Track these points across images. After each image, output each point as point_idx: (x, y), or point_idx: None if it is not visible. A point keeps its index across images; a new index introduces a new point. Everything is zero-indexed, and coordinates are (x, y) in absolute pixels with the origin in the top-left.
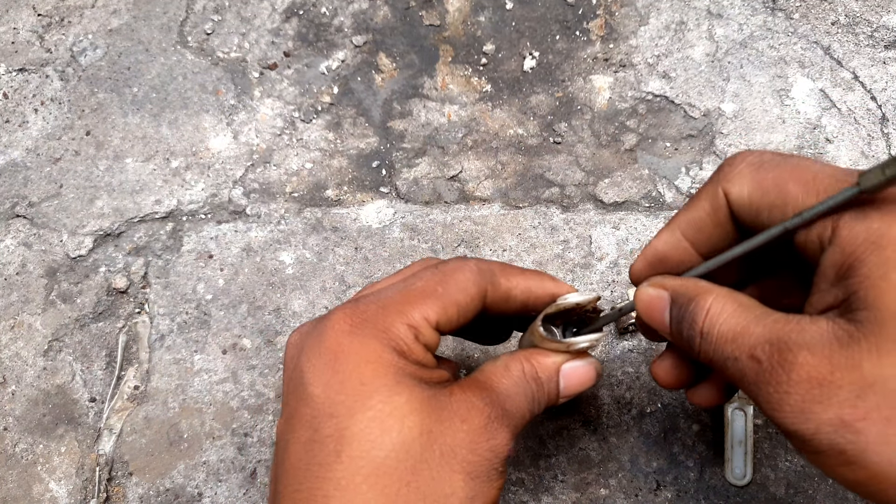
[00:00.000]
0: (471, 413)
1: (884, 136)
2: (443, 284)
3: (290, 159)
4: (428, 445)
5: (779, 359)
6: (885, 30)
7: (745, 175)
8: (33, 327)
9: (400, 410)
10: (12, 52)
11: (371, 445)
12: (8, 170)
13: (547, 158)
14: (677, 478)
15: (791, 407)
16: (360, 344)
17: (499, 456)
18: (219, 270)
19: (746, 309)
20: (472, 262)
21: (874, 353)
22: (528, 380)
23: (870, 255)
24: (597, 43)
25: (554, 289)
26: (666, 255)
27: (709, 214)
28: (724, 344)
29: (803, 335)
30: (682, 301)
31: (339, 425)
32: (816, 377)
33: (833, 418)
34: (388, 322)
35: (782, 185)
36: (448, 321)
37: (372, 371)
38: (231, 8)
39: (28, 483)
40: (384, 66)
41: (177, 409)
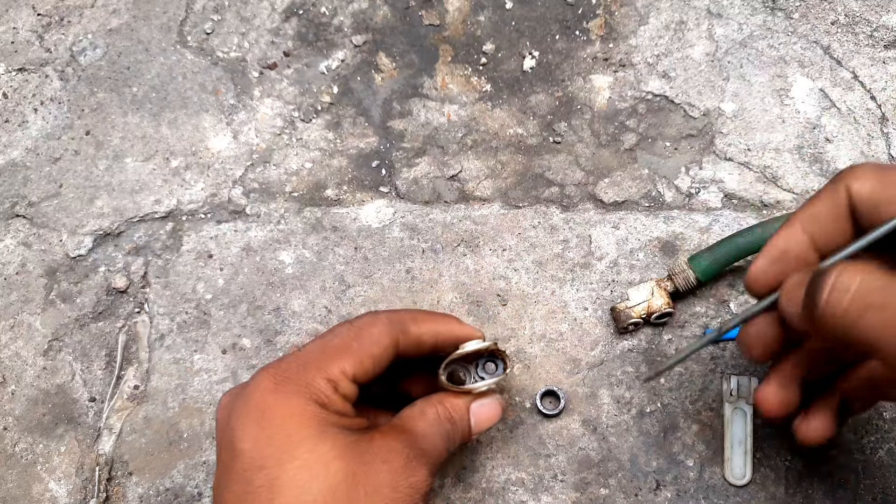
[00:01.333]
0: (391, 455)
1: (883, 135)
2: (357, 340)
3: (289, 159)
4: (353, 487)
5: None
6: (885, 29)
7: (868, 172)
8: (33, 327)
9: (325, 457)
10: (12, 52)
11: (300, 491)
12: (8, 169)
13: (547, 158)
14: (677, 477)
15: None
16: (285, 399)
17: (419, 492)
18: (218, 270)
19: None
20: (383, 315)
21: None
22: (443, 420)
23: None
24: (597, 43)
25: (459, 331)
26: (787, 250)
27: (830, 209)
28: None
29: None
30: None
31: (270, 475)
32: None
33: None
34: (308, 378)
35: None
36: (364, 372)
37: (297, 423)
38: (231, 8)
39: (28, 483)
40: (384, 66)
41: (176, 408)
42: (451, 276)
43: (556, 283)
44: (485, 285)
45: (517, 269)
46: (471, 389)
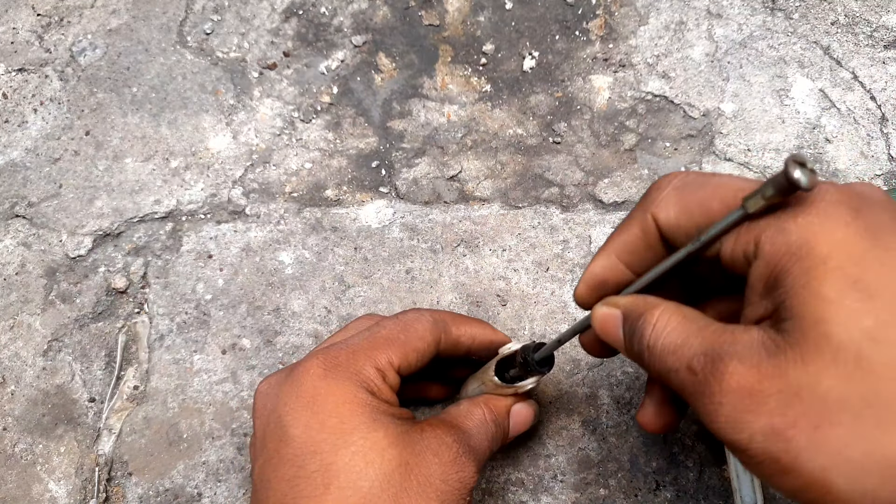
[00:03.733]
0: (441, 448)
1: (883, 135)
2: (404, 333)
3: (289, 159)
4: (406, 476)
5: (711, 369)
6: (885, 30)
7: (670, 199)
8: (33, 327)
9: (379, 444)
10: (11, 52)
11: (357, 476)
12: (7, 170)
13: (546, 158)
14: (677, 478)
15: (725, 417)
16: (336, 386)
17: (466, 486)
18: (218, 270)
19: (689, 321)
20: (427, 314)
21: (799, 362)
22: (488, 421)
23: (792, 266)
24: (596, 43)
25: (493, 336)
26: (604, 279)
27: (640, 238)
28: (667, 356)
29: (735, 345)
30: (632, 317)
31: (324, 461)
32: (746, 386)
33: (764, 427)
34: (358, 365)
35: (706, 205)
36: (408, 365)
37: (349, 410)
38: (230, 8)
39: (27, 483)
40: (384, 66)
41: (176, 409)
42: (451, 277)
43: (556, 283)
44: (484, 285)
45: (517, 270)
46: (517, 388)
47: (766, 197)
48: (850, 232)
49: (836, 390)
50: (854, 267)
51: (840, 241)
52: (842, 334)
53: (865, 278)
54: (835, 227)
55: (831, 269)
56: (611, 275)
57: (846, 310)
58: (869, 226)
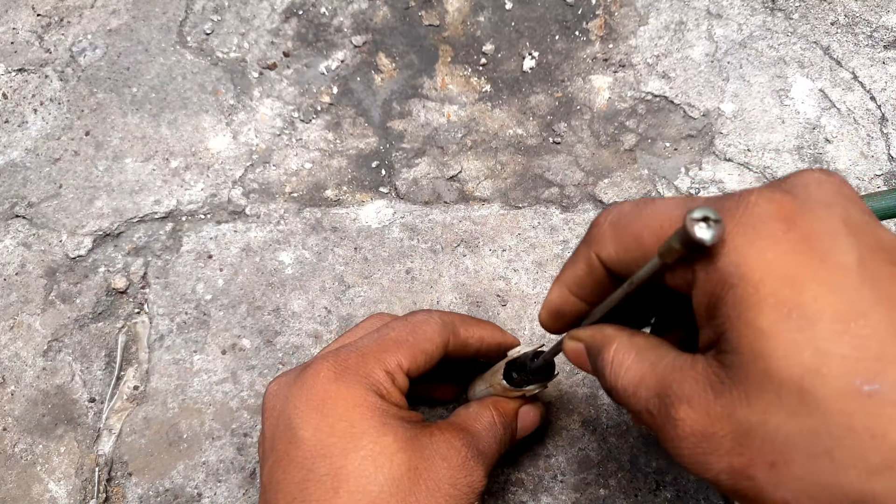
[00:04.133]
0: (450, 452)
1: (883, 136)
2: (413, 335)
3: (289, 159)
4: (415, 480)
5: (665, 415)
6: (885, 30)
7: (607, 235)
8: (33, 327)
9: (389, 449)
10: (11, 53)
11: (366, 481)
12: (7, 170)
13: (546, 158)
14: (677, 478)
15: (687, 458)
16: (346, 389)
17: (475, 491)
18: (218, 270)
19: (643, 357)
20: (436, 315)
21: (744, 401)
22: (497, 424)
23: (726, 296)
24: (596, 43)
25: (501, 338)
26: (561, 309)
27: (588, 274)
28: (628, 398)
29: (683, 385)
30: (592, 354)
31: (334, 464)
32: (699, 430)
33: (725, 467)
34: (368, 369)
35: (638, 238)
36: (417, 367)
37: (360, 414)
38: (230, 8)
39: (27, 483)
40: (384, 67)
41: (176, 409)
42: (451, 277)
43: None
44: (484, 286)
45: (517, 270)
46: (525, 392)
47: (675, 248)
48: (782, 249)
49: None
50: (789, 291)
51: (771, 263)
52: (782, 370)
53: (802, 303)
54: (765, 246)
55: (765, 298)
56: (566, 306)
57: (784, 342)
58: (804, 235)
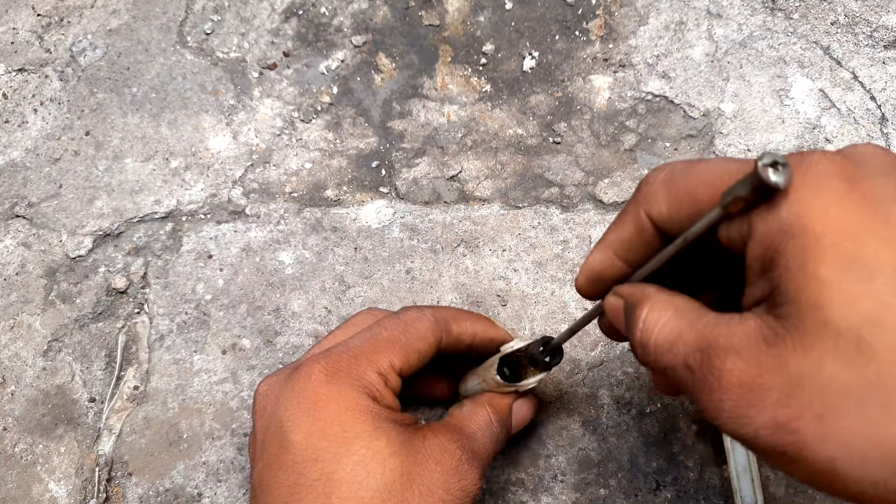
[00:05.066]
0: (444, 456)
1: (883, 136)
2: (405, 334)
3: (289, 159)
4: (408, 486)
5: (709, 366)
6: (885, 30)
7: (659, 193)
8: (33, 327)
9: (381, 454)
10: (11, 53)
11: (358, 487)
12: (7, 170)
13: (546, 158)
14: (677, 478)
15: (728, 413)
16: (338, 392)
17: (469, 495)
18: (218, 270)
19: (681, 314)
20: (428, 312)
21: (798, 350)
22: (493, 422)
23: (786, 246)
24: (596, 43)
25: (494, 333)
26: (601, 273)
27: (635, 235)
28: (662, 354)
29: (731, 338)
30: (629, 311)
31: (325, 469)
32: (747, 381)
33: (768, 421)
34: (360, 370)
35: (693, 194)
36: (410, 367)
37: (351, 417)
38: (230, 8)
39: (28, 483)
40: (384, 66)
41: (176, 409)
42: (451, 277)
43: (556, 283)
44: (484, 286)
45: (517, 270)
46: (519, 387)
47: (741, 196)
48: (844, 206)
49: (839, 378)
50: (851, 244)
51: (834, 217)
52: (841, 319)
53: (863, 256)
54: (828, 201)
55: (826, 248)
56: (608, 270)
57: (844, 292)
58: (866, 196)
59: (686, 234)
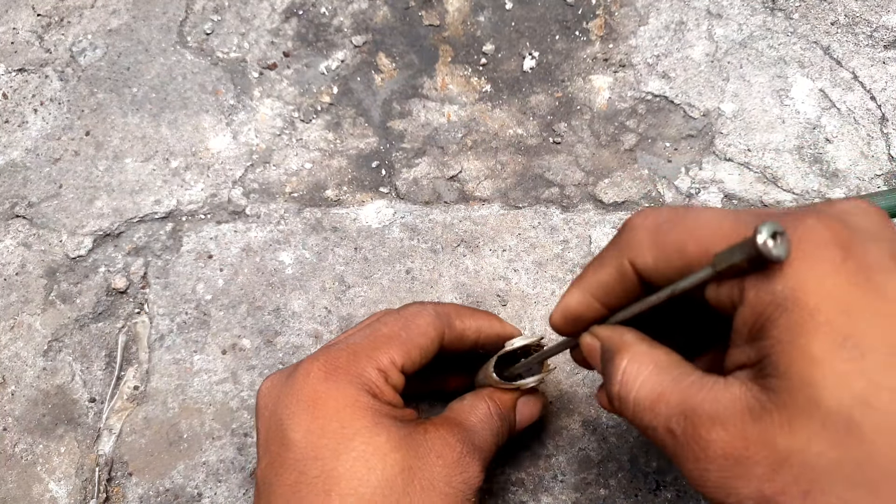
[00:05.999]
0: (445, 449)
1: (883, 136)
2: (406, 329)
3: (289, 159)
4: (409, 480)
5: (693, 434)
6: (885, 30)
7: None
8: (33, 327)
9: (381, 449)
10: (12, 53)
11: (358, 483)
12: (7, 170)
13: (546, 158)
14: (677, 478)
15: (712, 483)
16: (337, 389)
17: (471, 487)
18: (218, 270)
19: (662, 371)
20: (429, 307)
21: (786, 427)
22: (493, 416)
23: (779, 318)
24: (596, 43)
25: (500, 329)
26: (579, 314)
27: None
28: (642, 412)
29: (716, 405)
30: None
31: (326, 466)
32: (732, 454)
33: (754, 493)
34: (360, 367)
35: (682, 248)
36: (412, 363)
37: (350, 414)
38: (230, 8)
39: (28, 483)
40: (384, 67)
41: (176, 409)
42: (451, 277)
43: (556, 283)
44: (484, 286)
45: (517, 270)
46: (519, 386)
47: (736, 264)
48: (839, 278)
49: (827, 457)
50: (844, 320)
51: (829, 291)
52: (832, 399)
53: (856, 333)
54: (824, 273)
55: (820, 325)
56: (585, 311)
57: (836, 371)
58: (860, 266)
59: (673, 288)
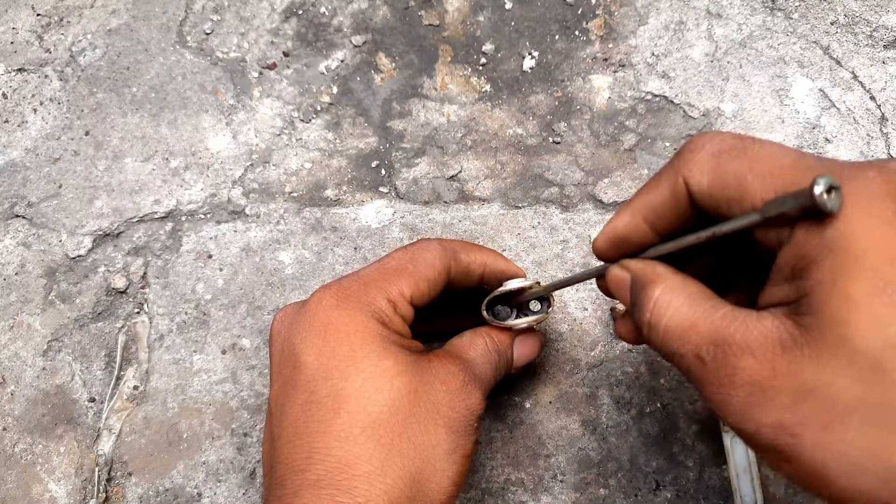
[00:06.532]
0: (448, 377)
1: (883, 135)
2: (413, 262)
3: (289, 159)
4: (415, 402)
5: (723, 361)
6: (885, 29)
7: (704, 164)
8: (32, 327)
9: (389, 372)
10: (11, 52)
11: (367, 402)
12: (7, 170)
13: (546, 158)
14: (677, 478)
15: (734, 408)
16: (348, 316)
17: (473, 413)
18: (218, 270)
19: (695, 302)
20: (435, 242)
21: (814, 360)
22: (490, 350)
23: (823, 259)
24: (596, 43)
25: (504, 266)
26: (625, 236)
27: (669, 200)
28: (671, 339)
29: (747, 336)
30: (637, 287)
31: (335, 387)
32: (758, 381)
33: (773, 421)
34: (370, 297)
35: (741, 178)
36: (420, 295)
37: (360, 339)
38: (230, 8)
39: (27, 483)
40: (383, 66)
41: (176, 409)
42: None
43: None
44: None
45: None
46: (511, 326)
47: (785, 211)
48: (889, 230)
49: (850, 393)
50: (888, 269)
51: (877, 240)
52: (863, 339)
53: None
54: (875, 223)
55: (863, 270)
56: (633, 233)
57: (872, 315)
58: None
59: (715, 230)
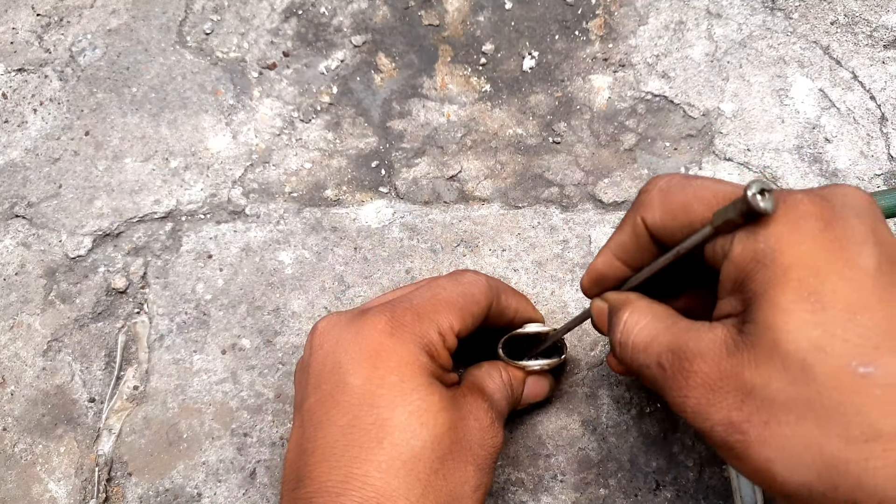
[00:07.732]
0: (480, 413)
1: (883, 135)
2: (463, 296)
3: (289, 159)
4: (454, 440)
5: (679, 367)
6: (885, 29)
7: (655, 202)
8: (32, 327)
9: (434, 407)
10: (11, 52)
11: (411, 436)
12: (7, 170)
13: (546, 158)
14: (677, 478)
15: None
16: (401, 345)
17: (497, 451)
18: (218, 270)
19: (659, 319)
20: (483, 278)
21: (753, 363)
22: (507, 385)
23: (757, 273)
24: (596, 43)
25: (532, 313)
26: (604, 274)
27: (632, 239)
28: (638, 353)
29: (699, 343)
30: (611, 312)
31: (381, 416)
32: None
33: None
34: (423, 328)
35: (688, 207)
36: (465, 329)
37: (410, 371)
38: (230, 8)
39: (27, 483)
40: (383, 66)
41: (176, 409)
42: None
43: (556, 283)
44: None
45: (517, 270)
46: (525, 366)
47: (731, 219)
48: (815, 245)
49: (784, 392)
50: (813, 279)
51: (804, 254)
52: (790, 342)
53: (820, 291)
54: (802, 238)
55: (791, 280)
56: (609, 270)
57: (797, 320)
58: (837, 238)
59: (679, 248)
